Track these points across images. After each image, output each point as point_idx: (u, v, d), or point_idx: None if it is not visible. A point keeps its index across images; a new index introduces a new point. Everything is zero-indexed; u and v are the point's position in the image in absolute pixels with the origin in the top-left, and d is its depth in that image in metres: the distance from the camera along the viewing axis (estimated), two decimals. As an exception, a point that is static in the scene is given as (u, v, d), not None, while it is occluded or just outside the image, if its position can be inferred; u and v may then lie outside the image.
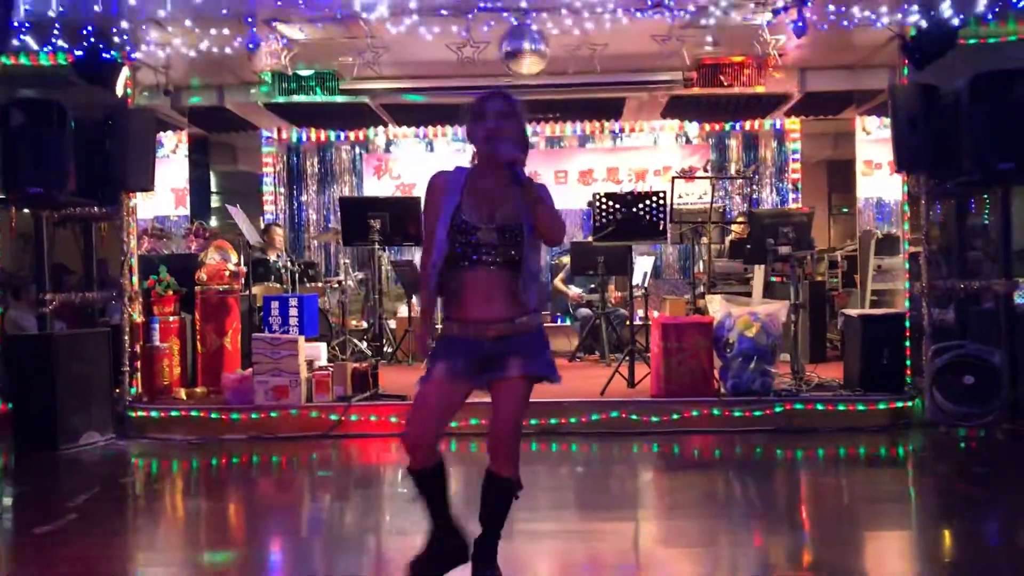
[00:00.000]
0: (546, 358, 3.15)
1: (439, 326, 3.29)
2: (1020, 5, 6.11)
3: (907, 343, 6.80)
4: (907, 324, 6.84)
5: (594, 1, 6.40)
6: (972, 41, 6.59)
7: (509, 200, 3.06)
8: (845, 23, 6.58)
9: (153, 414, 6.71)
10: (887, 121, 6.99)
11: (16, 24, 6.08)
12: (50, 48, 6.66)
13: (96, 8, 6.08)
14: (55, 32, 6.50)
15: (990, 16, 6.30)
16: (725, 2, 6.45)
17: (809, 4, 6.33)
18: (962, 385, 6.33)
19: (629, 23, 6.64)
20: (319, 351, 7.12)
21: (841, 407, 6.49)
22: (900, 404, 6.54)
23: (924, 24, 6.39)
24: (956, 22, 6.29)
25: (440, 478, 3.22)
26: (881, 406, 6.51)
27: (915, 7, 6.40)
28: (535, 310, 3.14)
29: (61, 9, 6.21)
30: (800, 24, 6.32)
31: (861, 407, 6.49)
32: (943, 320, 6.89)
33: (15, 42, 6.37)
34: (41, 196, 6.31)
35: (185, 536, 4.60)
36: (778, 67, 7.67)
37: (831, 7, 6.46)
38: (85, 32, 6.48)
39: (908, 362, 6.78)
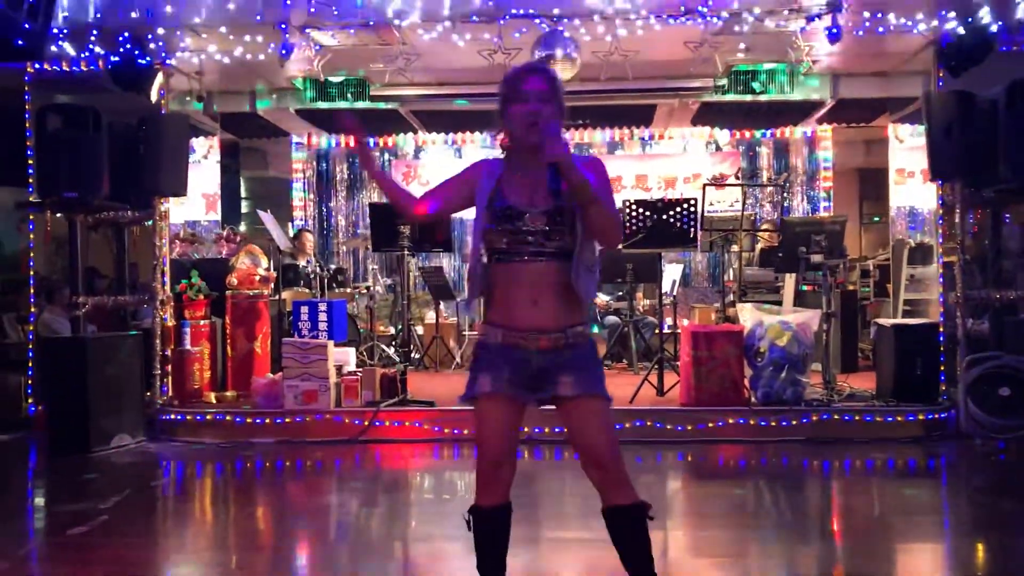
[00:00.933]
0: (600, 373, 2.72)
1: (474, 333, 2.94)
2: (1060, 12, 6.04)
3: (941, 353, 6.70)
4: (941, 334, 6.75)
5: (627, 8, 6.38)
6: (1010, 48, 6.50)
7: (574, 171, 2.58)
8: (880, 30, 6.51)
9: (183, 417, 6.75)
10: (921, 129, 6.92)
11: (54, 31, 6.15)
12: (87, 54, 6.74)
13: (133, 15, 6.15)
14: (92, 38, 6.58)
15: (1029, 22, 6.22)
16: (759, 8, 6.41)
17: (843, 11, 6.27)
18: (998, 396, 6.23)
19: (662, 29, 6.62)
20: (348, 356, 7.15)
21: (874, 418, 6.41)
22: (934, 415, 6.44)
23: (962, 31, 6.31)
24: (994, 28, 6.21)
25: (507, 525, 2.76)
26: (914, 417, 6.42)
27: (952, 14, 6.32)
28: (586, 320, 2.74)
29: (98, 16, 6.29)
30: (834, 30, 6.26)
31: (894, 418, 6.41)
32: (978, 331, 6.79)
33: (53, 48, 6.46)
34: (76, 200, 6.39)
35: (214, 539, 4.62)
36: (810, 74, 7.63)
37: (866, 13, 6.40)
38: (121, 39, 6.55)
39: (942, 373, 6.68)
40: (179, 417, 6.76)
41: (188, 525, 4.86)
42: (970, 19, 6.23)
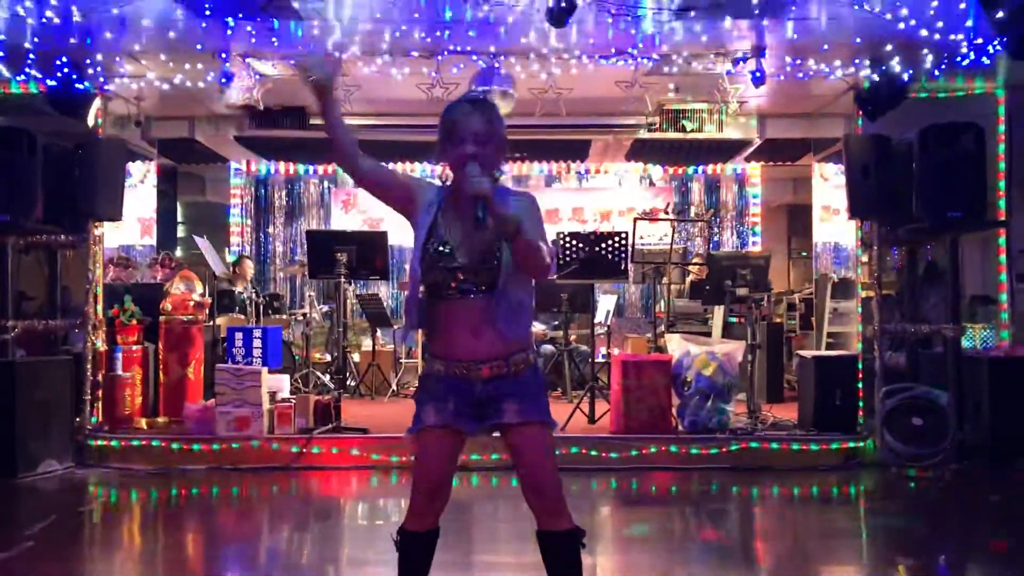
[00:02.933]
0: (543, 400, 2.74)
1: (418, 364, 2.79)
2: (965, 64, 6.39)
3: (859, 384, 6.97)
4: (859, 366, 7.02)
5: (560, 47, 6.58)
6: (922, 95, 6.87)
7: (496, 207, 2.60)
8: (800, 75, 6.83)
9: (113, 443, 6.67)
10: (843, 168, 7.22)
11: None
12: (23, 78, 6.72)
13: (72, 40, 6.14)
14: (29, 62, 6.55)
15: (937, 73, 6.57)
16: (687, 52, 6.67)
17: (766, 55, 6.57)
18: (911, 426, 6.49)
19: (594, 69, 6.84)
20: (282, 383, 7.15)
21: (795, 446, 6.61)
22: (852, 444, 6.68)
23: (876, 78, 6.66)
24: (906, 77, 6.56)
25: (431, 550, 2.77)
26: (834, 446, 6.64)
27: (867, 62, 6.67)
28: (530, 347, 2.75)
29: (36, 40, 6.26)
30: (758, 74, 6.55)
31: (815, 447, 6.62)
32: (896, 363, 7.08)
33: (-12, 71, 6.44)
34: (7, 223, 6.31)
35: (143, 566, 4.59)
36: (738, 114, 7.93)
37: (788, 59, 6.72)
38: (59, 63, 6.54)
39: (860, 403, 6.94)
40: (109, 443, 6.68)
41: (116, 551, 4.83)
42: (883, 67, 6.58)
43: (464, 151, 2.65)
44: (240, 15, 6.02)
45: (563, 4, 5.55)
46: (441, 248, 2.66)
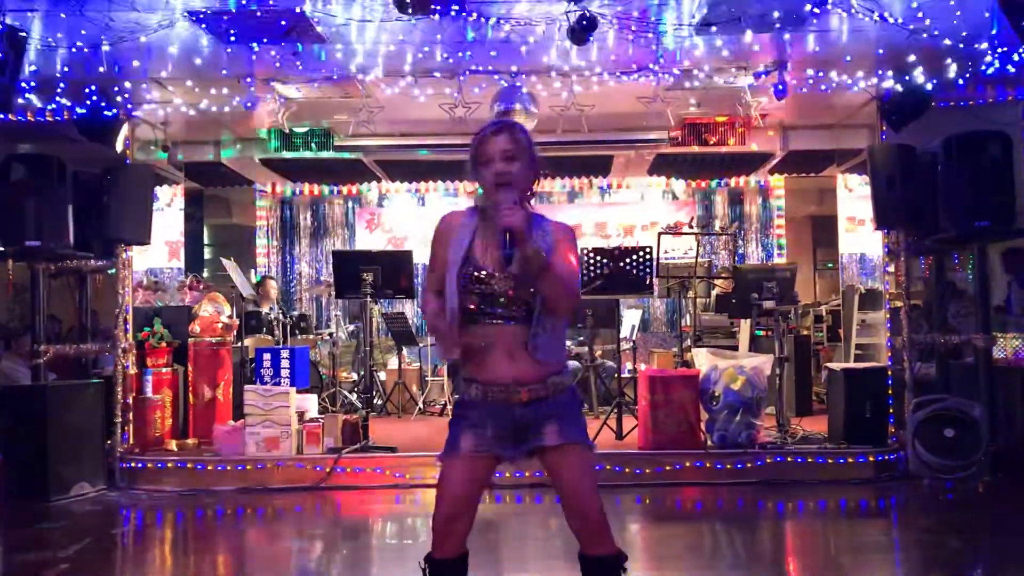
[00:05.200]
0: (582, 422, 2.74)
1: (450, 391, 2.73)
2: (989, 72, 6.35)
3: (889, 396, 6.90)
4: (889, 378, 6.95)
5: (582, 65, 6.61)
6: (946, 104, 6.82)
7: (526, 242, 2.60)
8: (823, 87, 6.81)
9: (144, 465, 6.74)
10: (868, 179, 7.19)
11: (22, 83, 6.24)
12: (53, 106, 6.84)
13: (100, 68, 6.23)
14: (59, 90, 6.66)
15: (961, 82, 6.53)
16: (708, 66, 6.67)
17: (788, 68, 6.56)
18: (943, 438, 6.41)
19: (616, 85, 6.86)
20: (310, 403, 7.19)
21: (825, 460, 6.56)
22: (883, 457, 6.62)
23: (899, 88, 6.63)
24: (929, 87, 6.53)
25: (462, 574, 2.72)
26: (865, 459, 6.58)
27: (890, 72, 6.64)
28: (565, 368, 2.73)
29: (66, 69, 6.36)
30: (780, 87, 6.54)
31: (845, 460, 6.56)
32: (926, 374, 7.01)
33: (20, 100, 6.54)
34: (39, 249, 6.42)
35: (176, 587, 4.63)
36: (760, 127, 7.90)
37: (810, 71, 6.69)
38: (88, 91, 6.67)
39: (891, 415, 6.87)
40: (140, 465, 6.74)
41: (149, 574, 4.86)
42: (906, 77, 6.55)
43: (495, 170, 2.65)
44: (264, 40, 6.09)
45: (584, 22, 5.58)
46: (476, 274, 2.64)
